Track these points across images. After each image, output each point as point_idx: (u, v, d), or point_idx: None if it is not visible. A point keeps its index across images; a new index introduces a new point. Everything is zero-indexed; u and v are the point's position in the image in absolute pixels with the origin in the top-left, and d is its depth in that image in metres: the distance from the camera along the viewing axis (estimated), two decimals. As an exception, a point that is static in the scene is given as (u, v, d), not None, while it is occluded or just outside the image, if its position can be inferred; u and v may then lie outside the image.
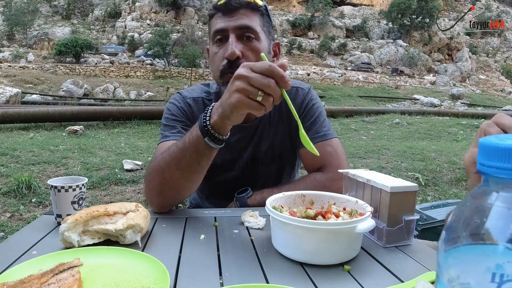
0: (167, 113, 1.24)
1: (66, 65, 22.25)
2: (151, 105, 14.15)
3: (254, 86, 0.77)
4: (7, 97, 11.10)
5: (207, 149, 0.90)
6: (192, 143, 0.91)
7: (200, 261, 0.74)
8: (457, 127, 10.39)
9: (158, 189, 1.01)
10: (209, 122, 0.87)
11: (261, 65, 0.78)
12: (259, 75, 0.77)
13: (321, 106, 1.28)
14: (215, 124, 0.87)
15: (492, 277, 0.28)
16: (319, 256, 0.74)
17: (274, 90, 0.77)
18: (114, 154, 5.29)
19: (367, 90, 24.48)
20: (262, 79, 0.77)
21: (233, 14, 1.11)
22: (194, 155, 0.92)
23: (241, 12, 1.11)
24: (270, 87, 0.76)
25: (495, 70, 41.73)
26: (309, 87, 1.30)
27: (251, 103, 0.79)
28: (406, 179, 1.99)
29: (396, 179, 0.89)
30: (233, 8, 1.10)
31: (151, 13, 39.89)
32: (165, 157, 0.98)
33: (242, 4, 1.11)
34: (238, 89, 0.79)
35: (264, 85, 0.77)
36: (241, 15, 1.11)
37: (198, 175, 0.99)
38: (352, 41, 41.96)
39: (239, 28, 1.10)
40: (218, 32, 1.11)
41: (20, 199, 3.46)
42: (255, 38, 1.11)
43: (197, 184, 1.04)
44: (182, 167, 0.95)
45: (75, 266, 0.63)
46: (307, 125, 1.22)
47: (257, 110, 0.80)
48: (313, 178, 1.16)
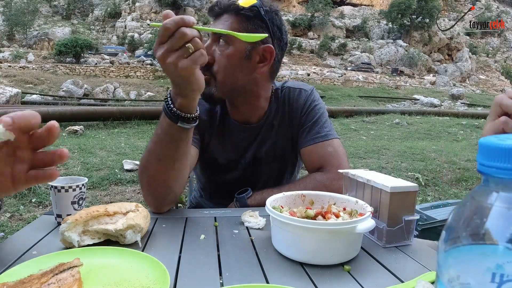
0: None
1: (66, 65, 22.23)
2: (151, 105, 14.13)
3: (174, 48, 0.77)
4: (7, 97, 11.09)
5: (183, 132, 0.91)
6: (165, 133, 0.91)
7: (200, 261, 0.74)
8: (457, 127, 10.39)
9: (148, 188, 1.01)
10: (173, 106, 0.88)
11: (162, 31, 0.76)
12: (172, 39, 0.76)
13: (323, 107, 1.29)
14: (181, 106, 0.87)
15: (492, 277, 0.28)
16: (319, 256, 0.74)
17: (190, 34, 0.76)
18: (114, 154, 5.29)
19: (367, 90, 24.46)
20: (175, 39, 0.76)
21: (218, 19, 1.14)
22: (170, 144, 0.92)
23: (223, 17, 1.13)
24: (187, 34, 0.76)
25: (495, 70, 41.73)
26: (312, 88, 1.31)
27: (187, 60, 0.78)
28: (406, 179, 1.99)
29: (396, 179, 0.89)
30: (218, 13, 1.14)
31: (151, 13, 39.88)
32: (145, 155, 0.99)
33: (224, 9, 1.13)
34: (166, 59, 0.78)
35: (181, 38, 0.76)
36: (222, 20, 1.13)
37: (180, 162, 0.98)
38: (352, 41, 41.95)
39: (214, 33, 1.13)
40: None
41: (20, 199, 3.46)
42: (226, 43, 1.11)
43: (183, 173, 1.01)
44: (162, 159, 0.95)
45: (75, 266, 0.63)
46: (308, 125, 1.23)
47: (198, 58, 0.78)
48: (313, 178, 1.17)
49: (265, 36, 0.90)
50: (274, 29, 1.15)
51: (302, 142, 1.24)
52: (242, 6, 1.10)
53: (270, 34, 1.13)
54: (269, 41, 1.14)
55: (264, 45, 1.13)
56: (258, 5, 1.11)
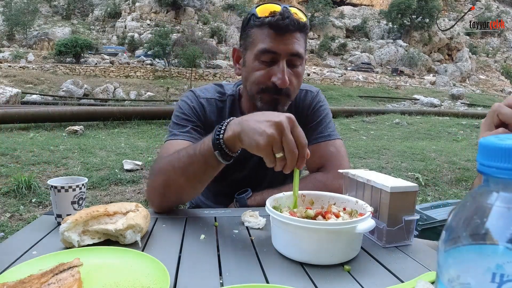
0: (179, 111, 1.22)
1: (66, 65, 22.23)
2: (151, 105, 14.14)
3: (282, 143, 0.78)
4: (7, 97, 11.09)
5: (216, 161, 0.90)
6: (202, 153, 0.91)
7: (200, 261, 0.75)
8: (457, 127, 10.39)
9: (160, 190, 1.02)
10: (222, 136, 0.87)
11: (301, 135, 0.79)
12: (293, 140, 0.77)
13: (328, 109, 1.32)
14: (228, 140, 0.86)
15: (492, 277, 0.28)
16: (319, 256, 0.74)
17: (292, 159, 0.77)
18: (114, 154, 5.29)
19: (367, 90, 24.46)
20: (292, 146, 0.77)
21: (286, 36, 1.07)
22: (202, 165, 0.93)
23: (296, 35, 1.08)
24: (292, 155, 0.77)
25: (495, 70, 41.72)
26: (318, 90, 1.35)
27: (269, 153, 0.79)
28: (406, 179, 1.98)
29: (396, 179, 0.89)
30: (289, 31, 1.06)
31: (151, 13, 39.87)
32: (172, 161, 0.98)
33: (297, 28, 1.07)
34: (270, 135, 0.77)
35: (289, 150, 0.77)
36: (293, 39, 1.07)
37: (202, 184, 1.00)
38: (352, 41, 41.95)
39: (291, 55, 1.08)
40: (269, 52, 1.07)
41: (20, 199, 3.46)
42: (300, 65, 1.12)
43: (199, 192, 1.06)
44: (188, 175, 0.95)
45: (75, 266, 0.63)
46: (312, 125, 1.26)
47: (268, 161, 0.80)
48: (314, 177, 1.18)
49: None
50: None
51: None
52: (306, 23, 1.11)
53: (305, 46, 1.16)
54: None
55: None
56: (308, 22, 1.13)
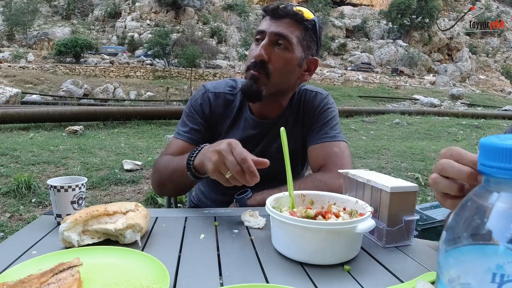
0: (188, 107, 1.33)
1: (66, 65, 22.24)
2: (151, 105, 14.15)
3: (226, 165, 0.87)
4: (7, 97, 11.10)
5: (190, 178, 1.05)
6: (181, 169, 1.07)
7: (200, 261, 0.74)
8: (457, 127, 10.40)
9: (157, 182, 1.24)
10: (192, 162, 1.02)
11: (238, 154, 0.86)
12: (234, 159, 0.86)
13: (336, 112, 1.34)
14: (195, 166, 1.02)
15: (493, 277, 0.28)
16: (319, 256, 0.73)
17: (240, 176, 0.86)
18: (114, 154, 5.29)
19: (367, 90, 24.47)
20: (233, 164, 0.86)
21: (278, 21, 1.18)
22: (181, 178, 1.10)
23: (285, 21, 1.18)
24: (237, 172, 0.86)
25: (495, 70, 41.73)
26: (327, 93, 1.39)
27: (220, 176, 0.89)
28: (406, 179, 1.99)
29: (396, 179, 0.89)
30: (280, 15, 1.18)
31: (151, 13, 39.87)
32: (165, 166, 1.16)
33: (289, 14, 1.17)
34: (214, 162, 0.89)
35: (233, 170, 0.86)
36: (284, 24, 1.17)
37: (186, 188, 1.25)
38: (352, 41, 41.96)
39: (275, 34, 1.16)
40: (259, 32, 1.20)
41: (20, 199, 3.46)
42: (285, 48, 1.17)
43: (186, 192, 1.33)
44: (173, 181, 1.16)
45: (74, 266, 0.63)
46: (318, 126, 1.28)
47: (223, 182, 0.90)
48: (314, 177, 1.18)
49: None
50: (319, 43, 1.28)
51: (310, 140, 1.29)
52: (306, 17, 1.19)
53: (318, 47, 1.27)
54: (315, 53, 1.27)
55: (312, 57, 1.26)
56: (316, 21, 1.22)
